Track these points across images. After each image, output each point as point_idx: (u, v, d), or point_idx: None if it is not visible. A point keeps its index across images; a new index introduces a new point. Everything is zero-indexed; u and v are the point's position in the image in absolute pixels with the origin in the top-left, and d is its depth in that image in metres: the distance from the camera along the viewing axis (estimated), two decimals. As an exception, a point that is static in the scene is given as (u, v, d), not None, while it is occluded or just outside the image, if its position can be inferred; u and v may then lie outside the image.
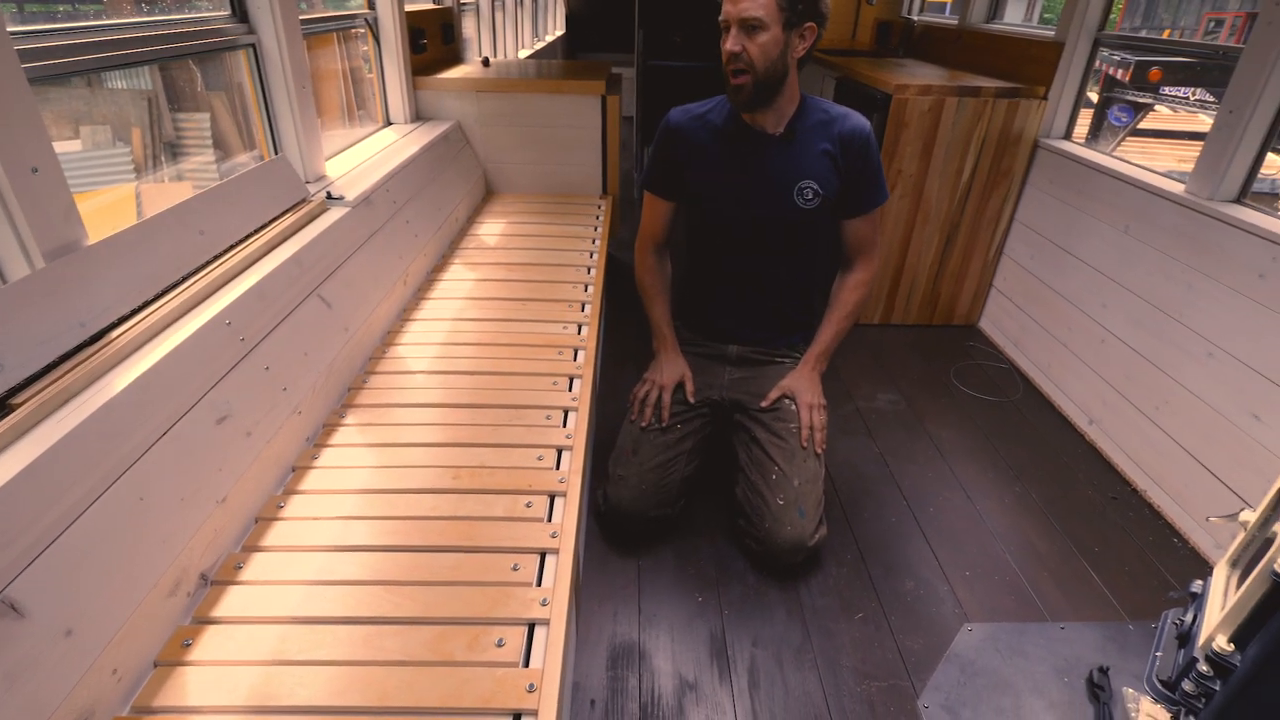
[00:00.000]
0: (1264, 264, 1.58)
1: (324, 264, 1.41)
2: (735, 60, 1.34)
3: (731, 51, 1.33)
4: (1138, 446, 1.94)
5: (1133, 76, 4.98)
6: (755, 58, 1.33)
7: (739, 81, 1.36)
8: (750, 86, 1.36)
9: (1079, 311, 2.21)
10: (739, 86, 1.37)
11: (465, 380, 1.43)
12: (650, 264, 1.68)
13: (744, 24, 1.31)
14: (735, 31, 1.32)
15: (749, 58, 1.33)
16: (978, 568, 1.63)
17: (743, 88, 1.37)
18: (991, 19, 3.10)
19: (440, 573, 0.98)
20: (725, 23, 1.34)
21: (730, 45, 1.32)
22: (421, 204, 1.93)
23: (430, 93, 2.40)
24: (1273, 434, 1.54)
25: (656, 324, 1.67)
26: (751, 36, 1.32)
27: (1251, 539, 1.08)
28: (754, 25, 1.31)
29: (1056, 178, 2.37)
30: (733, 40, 1.32)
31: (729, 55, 1.34)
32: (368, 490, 1.13)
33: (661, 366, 1.63)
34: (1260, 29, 1.64)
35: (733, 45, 1.32)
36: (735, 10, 1.31)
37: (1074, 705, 1.33)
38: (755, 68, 1.34)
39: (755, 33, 1.32)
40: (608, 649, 1.40)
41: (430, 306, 1.71)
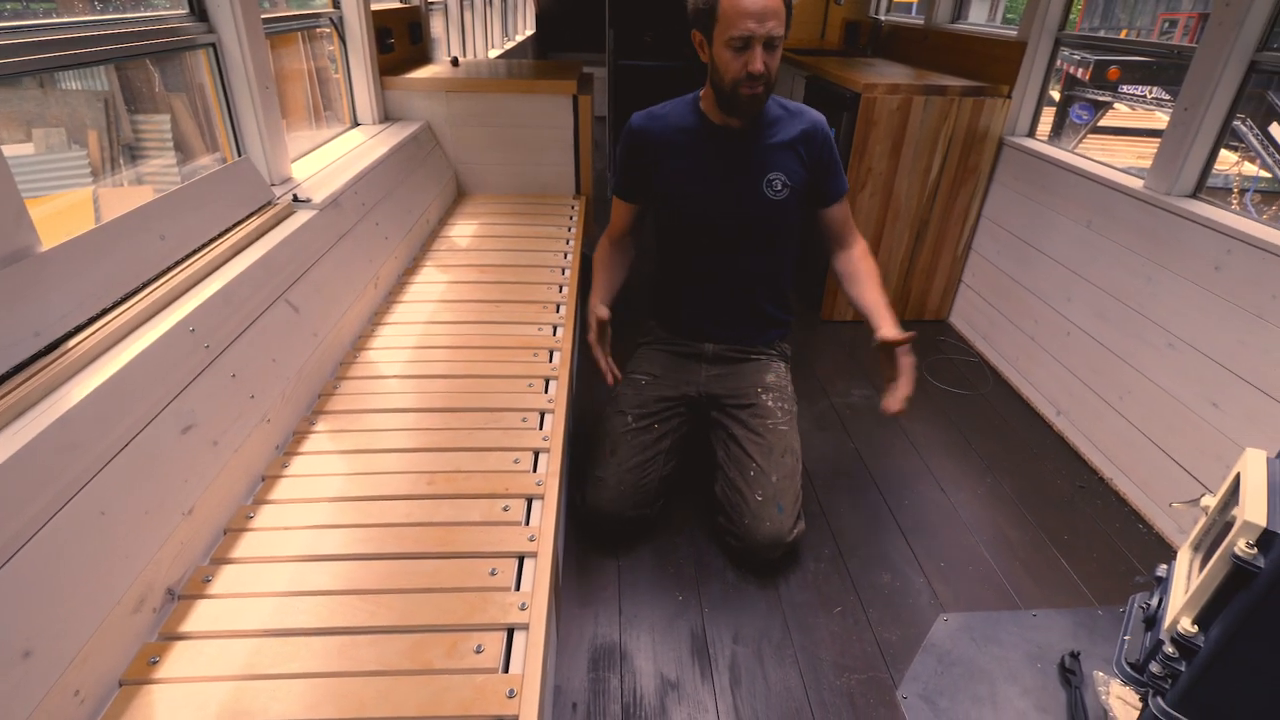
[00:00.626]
0: (1219, 256, 1.64)
1: (291, 268, 1.38)
2: (758, 79, 1.35)
3: (758, 72, 1.34)
4: (1103, 436, 1.99)
5: (1092, 75, 5.12)
6: (773, 72, 1.38)
7: (757, 93, 1.39)
8: (764, 97, 1.41)
9: (1045, 305, 2.26)
10: (756, 98, 1.40)
11: (439, 384, 1.41)
12: (605, 249, 1.69)
13: (769, 42, 1.33)
14: (760, 50, 1.33)
15: (770, 74, 1.37)
16: (952, 559, 1.66)
17: (758, 98, 1.40)
18: (956, 19, 3.16)
19: (416, 580, 0.97)
20: (748, 40, 1.32)
21: (758, 66, 1.33)
22: (391, 206, 1.90)
23: (399, 93, 2.37)
24: (1230, 421, 1.59)
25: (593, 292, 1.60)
26: (772, 54, 1.35)
27: (1212, 523, 1.11)
28: (776, 44, 1.35)
29: (1021, 174, 2.42)
30: (760, 60, 1.33)
31: (754, 74, 1.34)
32: (340, 498, 1.11)
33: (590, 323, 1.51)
34: (1212, 29, 1.70)
35: (759, 66, 1.33)
36: (764, 29, 1.31)
37: (1047, 690, 1.36)
38: (771, 83, 1.40)
39: (774, 50, 1.35)
40: (589, 651, 1.39)
41: (402, 310, 1.69)
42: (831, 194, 1.59)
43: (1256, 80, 1.70)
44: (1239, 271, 1.58)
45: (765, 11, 1.29)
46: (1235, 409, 1.58)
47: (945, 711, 1.31)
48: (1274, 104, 4.13)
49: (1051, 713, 1.32)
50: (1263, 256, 1.52)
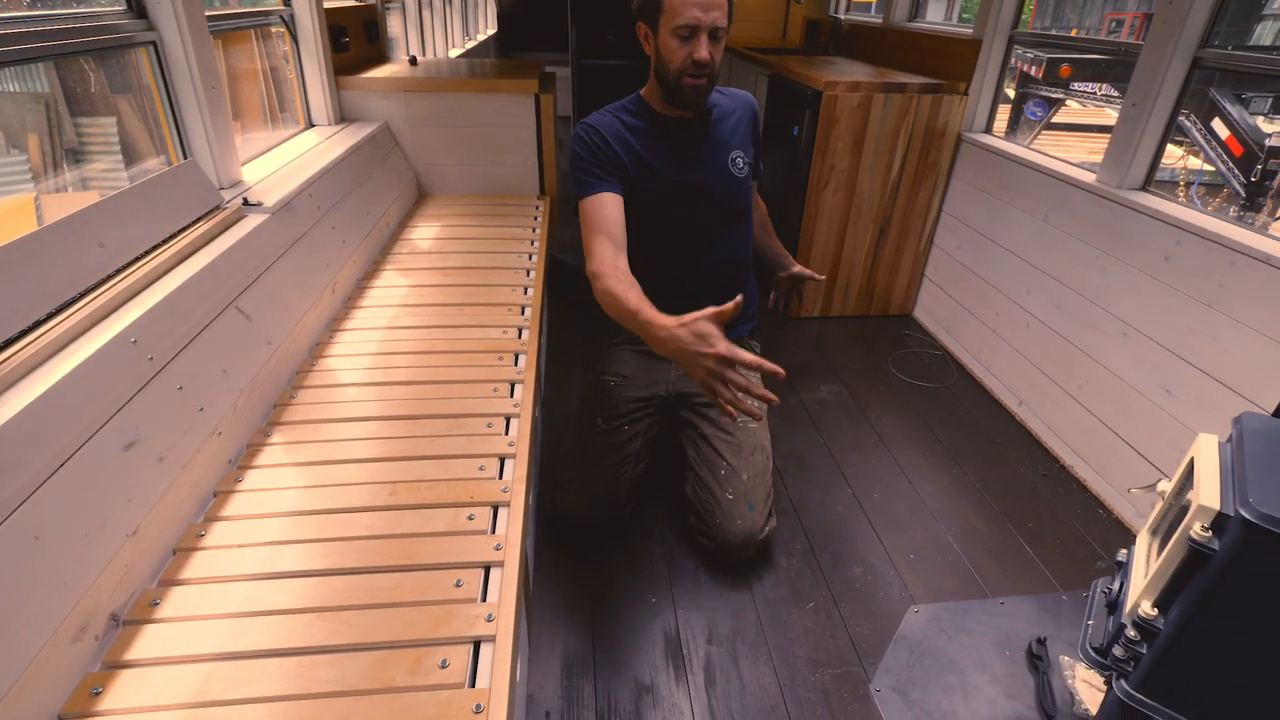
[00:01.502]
0: (1168, 247, 1.68)
1: (242, 274, 1.33)
2: (703, 68, 1.37)
3: (703, 59, 1.35)
4: (1063, 425, 2.03)
5: (1045, 73, 5.26)
6: (717, 63, 1.40)
7: (701, 83, 1.39)
8: (708, 88, 1.42)
9: (1005, 298, 2.31)
10: (700, 88, 1.41)
11: (401, 391, 1.37)
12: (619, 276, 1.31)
13: (714, 32, 1.35)
14: (705, 40, 1.34)
15: (714, 65, 1.39)
16: (921, 550, 1.68)
17: (702, 88, 1.41)
18: (914, 18, 3.20)
19: (378, 595, 0.93)
20: (692, 29, 1.33)
21: (703, 54, 1.35)
22: (349, 209, 1.85)
23: (355, 93, 2.31)
24: (1183, 407, 1.64)
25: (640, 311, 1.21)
26: (717, 44, 1.37)
27: (1169, 508, 1.14)
28: (720, 34, 1.36)
29: (979, 170, 2.46)
30: (705, 49, 1.35)
31: (700, 62, 1.35)
32: (298, 512, 1.07)
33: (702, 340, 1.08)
34: (1157, 27, 1.75)
35: (705, 54, 1.35)
36: (708, 19, 1.33)
37: (1015, 677, 1.38)
38: (714, 72, 1.40)
39: (718, 41, 1.37)
40: (561, 658, 1.37)
41: (361, 315, 1.64)
42: (757, 170, 1.70)
43: (1200, 76, 1.76)
44: (1188, 261, 1.63)
45: (710, 2, 1.32)
46: (1187, 395, 1.63)
47: (918, 703, 1.32)
48: (1216, 100, 4.28)
49: (1020, 699, 1.34)
50: (1209, 246, 1.57)
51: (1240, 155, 4.29)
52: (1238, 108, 4.31)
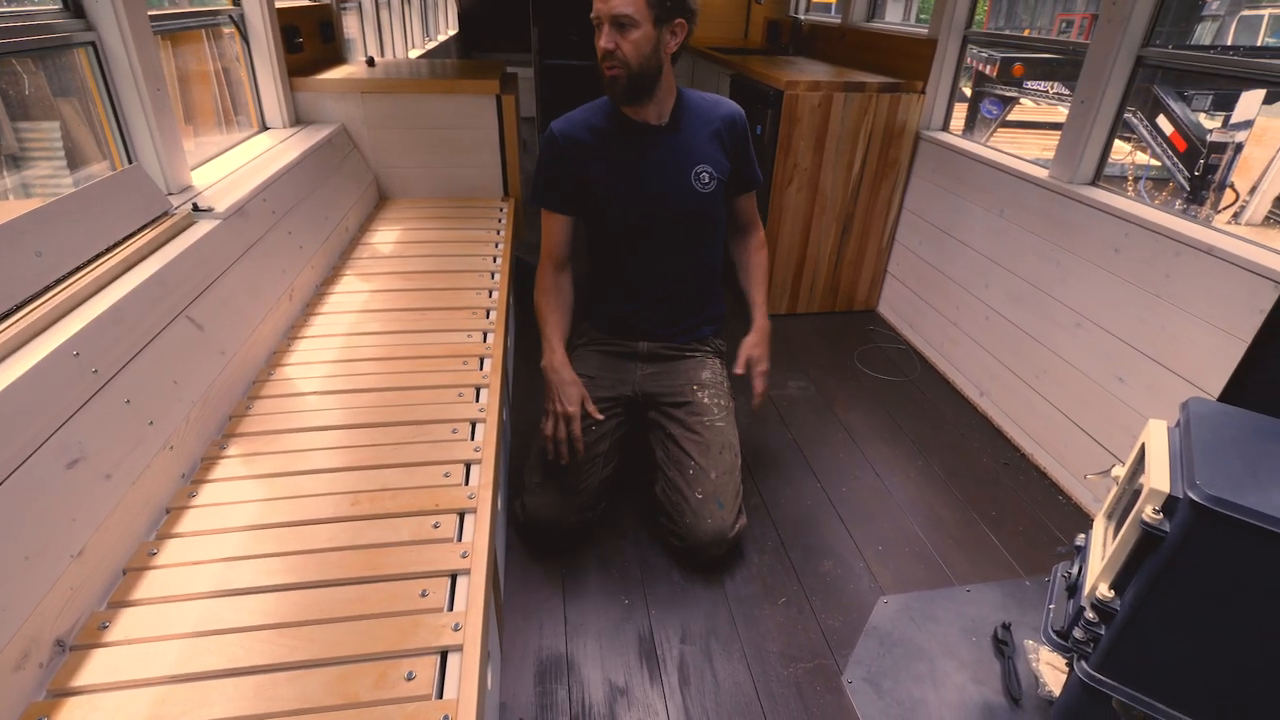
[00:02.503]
0: (1118, 240, 1.74)
1: (192, 282, 1.28)
2: (609, 57, 1.37)
3: (605, 49, 1.36)
4: (1023, 414, 2.09)
5: (999, 72, 5.40)
6: (629, 55, 1.37)
7: (613, 74, 1.39)
8: (624, 80, 1.40)
9: (965, 292, 2.36)
10: (614, 79, 1.40)
11: (363, 398, 1.34)
12: (548, 285, 1.60)
13: (615, 21, 1.34)
14: (608, 29, 1.35)
15: (623, 55, 1.37)
16: (889, 541, 1.71)
17: (617, 79, 1.40)
18: (871, 18, 3.26)
19: (341, 608, 0.91)
20: (597, 20, 1.36)
21: (604, 43, 1.36)
22: (305, 213, 1.80)
23: (310, 95, 2.25)
24: (1135, 394, 1.69)
25: (546, 337, 1.55)
26: (624, 34, 1.36)
27: (1123, 492, 1.17)
28: (624, 22, 1.35)
29: (938, 167, 2.51)
30: (606, 38, 1.35)
31: (603, 52, 1.37)
32: (255, 526, 1.04)
33: (559, 392, 1.48)
34: (1101, 26, 1.80)
35: (606, 43, 1.35)
36: (606, 8, 1.34)
37: (982, 663, 1.41)
38: (629, 64, 1.38)
39: (627, 30, 1.35)
40: (534, 664, 1.36)
41: (321, 322, 1.60)
42: (747, 183, 1.65)
43: (1143, 75, 1.82)
44: (1136, 253, 1.69)
45: None
46: (1138, 382, 1.68)
47: (889, 693, 1.34)
48: (1160, 97, 4.45)
49: (988, 684, 1.37)
50: (1156, 239, 1.63)
51: (1184, 150, 4.46)
52: (1181, 105, 4.48)
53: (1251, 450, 0.99)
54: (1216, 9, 6.73)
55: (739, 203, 1.69)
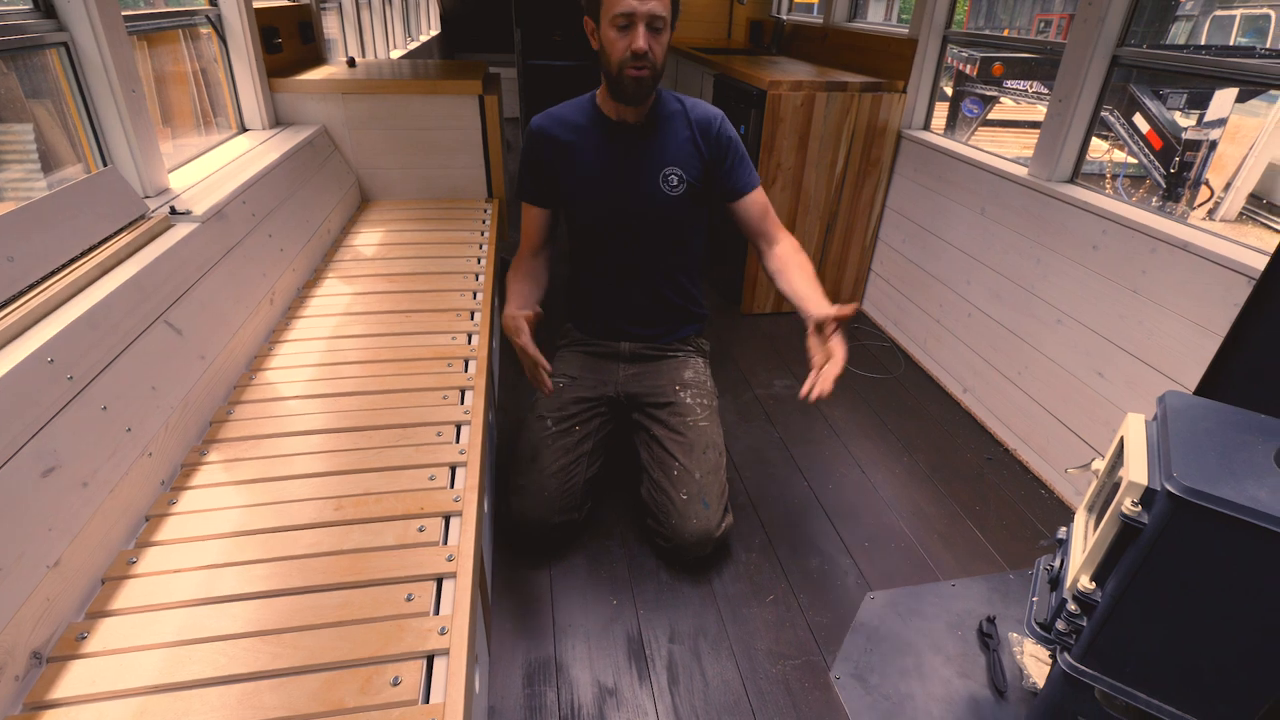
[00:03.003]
0: (1096, 237, 1.76)
1: (171, 286, 1.27)
2: (642, 59, 1.35)
3: (640, 49, 1.33)
4: (1006, 409, 2.11)
5: (979, 71, 5.46)
6: (658, 56, 1.37)
7: (642, 74, 1.37)
8: (650, 81, 1.40)
9: (948, 289, 2.38)
10: (641, 79, 1.38)
11: (346, 402, 1.33)
12: (519, 264, 1.62)
13: (651, 22, 1.33)
14: (644, 30, 1.33)
15: (654, 56, 1.36)
16: (875, 537, 1.72)
17: (644, 80, 1.39)
18: (853, 18, 3.28)
19: (325, 614, 0.90)
20: (628, 19, 1.32)
21: (641, 44, 1.33)
22: (286, 215, 1.78)
23: (290, 96, 2.23)
24: (1114, 389, 1.72)
25: (507, 302, 1.52)
26: (657, 36, 1.36)
27: (1103, 485, 1.19)
28: (659, 25, 1.35)
29: (920, 166, 2.54)
30: (643, 39, 1.33)
31: (639, 52, 1.34)
32: (238, 533, 1.03)
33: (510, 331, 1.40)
34: (1078, 26, 1.83)
35: (643, 44, 1.33)
36: (644, 8, 1.31)
37: (968, 656, 1.43)
38: (657, 65, 1.38)
39: (660, 32, 1.36)
40: (523, 666, 1.35)
41: (303, 326, 1.59)
42: (736, 188, 1.55)
43: (1119, 74, 1.85)
44: (1114, 250, 1.71)
45: None
46: (1118, 377, 1.71)
47: (876, 688, 1.35)
48: (1137, 96, 4.52)
49: (973, 677, 1.39)
50: (1133, 235, 1.65)
51: (1160, 148, 4.54)
52: (1156, 103, 4.55)
53: (1226, 442, 1.01)
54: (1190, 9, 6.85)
55: (739, 210, 1.56)
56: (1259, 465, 0.96)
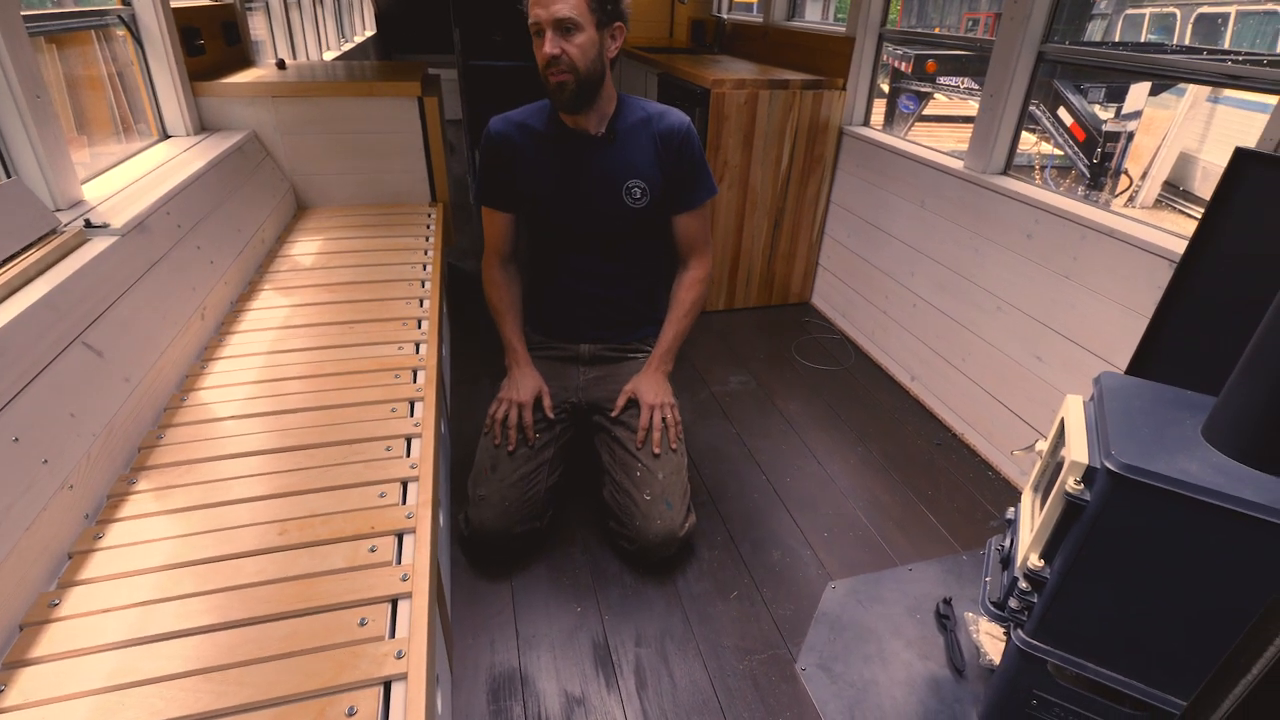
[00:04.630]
0: (1029, 226, 1.83)
1: (88, 305, 1.18)
2: (555, 63, 1.31)
3: (551, 54, 1.30)
4: (952, 396, 2.18)
5: (914, 68, 5.62)
6: (576, 59, 1.32)
7: (561, 79, 1.33)
8: (573, 85, 1.35)
9: (893, 281, 2.44)
10: (561, 84, 1.34)
11: (288, 420, 1.27)
12: (496, 279, 1.62)
13: (558, 25, 1.30)
14: (551, 34, 1.29)
15: (570, 59, 1.32)
16: (834, 528, 1.74)
17: (565, 85, 1.34)
18: (791, 17, 3.33)
19: (272, 646, 0.85)
20: (538, 26, 1.30)
21: (549, 48, 1.30)
22: (215, 226, 1.69)
23: (215, 100, 2.12)
24: (1052, 371, 1.79)
25: (507, 339, 1.62)
26: (569, 38, 1.31)
27: (1046, 466, 1.23)
28: (569, 26, 1.30)
29: (861, 161, 2.59)
30: (550, 43, 1.30)
31: (548, 58, 1.31)
32: (173, 565, 0.96)
33: (516, 383, 1.57)
34: (1004, 24, 1.90)
35: (551, 48, 1.30)
36: (547, 13, 1.28)
37: (927, 638, 1.46)
38: (577, 68, 1.33)
39: (571, 34, 1.31)
40: (487, 682, 1.32)
41: (238, 341, 1.51)
42: (683, 201, 1.55)
43: (1045, 69, 1.92)
44: (1046, 238, 1.78)
45: None
46: (1055, 360, 1.78)
47: (841, 676, 1.37)
48: (1060, 91, 4.74)
49: (933, 658, 1.42)
50: (1063, 224, 1.72)
51: (1083, 140, 4.77)
52: (1078, 97, 4.79)
53: (1158, 419, 1.06)
54: (1105, 7, 7.22)
55: (677, 224, 1.57)
56: (1189, 440, 1.01)
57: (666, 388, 1.59)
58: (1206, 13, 6.04)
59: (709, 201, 1.59)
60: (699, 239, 1.61)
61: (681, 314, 1.62)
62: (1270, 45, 5.56)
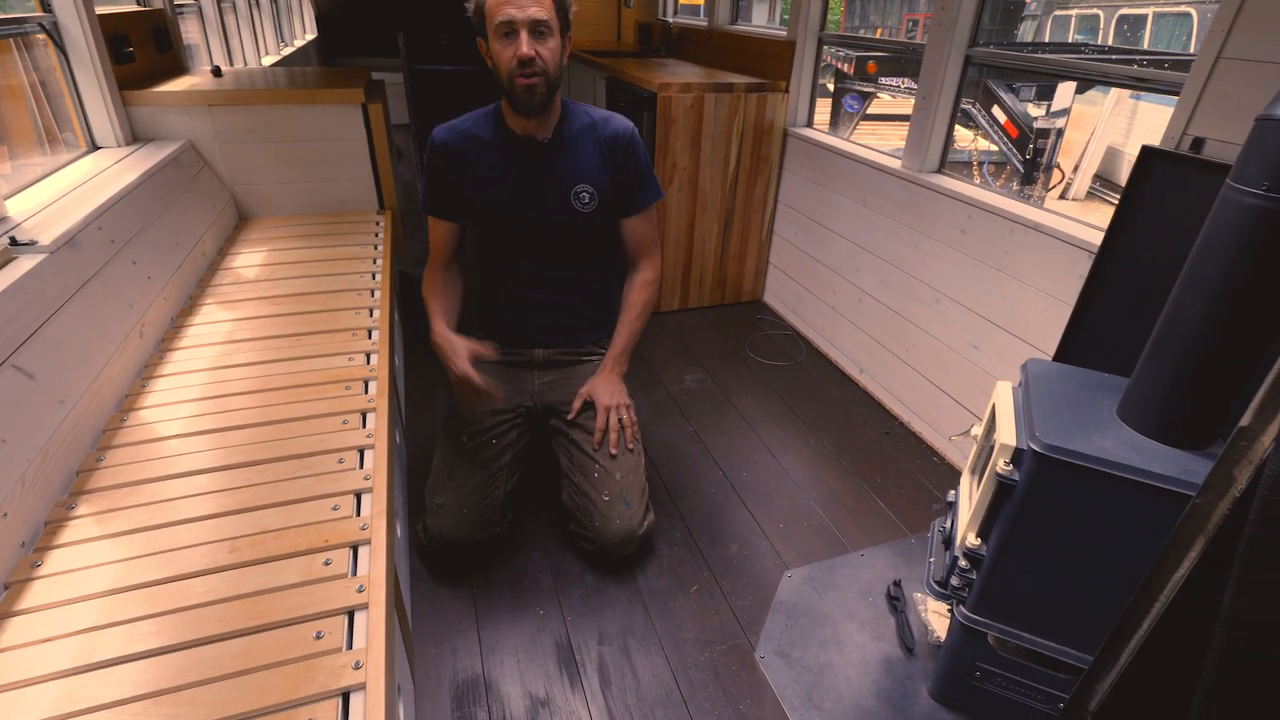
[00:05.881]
0: (963, 222, 1.92)
1: (17, 326, 1.14)
2: (529, 65, 1.32)
3: (526, 55, 1.31)
4: (898, 386, 2.26)
5: (855, 69, 5.79)
6: (549, 62, 1.35)
7: (533, 82, 1.34)
8: (543, 89, 1.37)
9: (839, 277, 2.52)
10: (532, 87, 1.35)
11: (235, 436, 1.24)
12: (434, 276, 1.61)
13: (534, 28, 1.31)
14: (526, 36, 1.31)
15: (543, 62, 1.34)
16: (789, 518, 1.80)
17: (535, 88, 1.36)
18: (735, 20, 3.39)
19: (226, 665, 0.84)
20: (510, 26, 1.31)
21: (525, 50, 1.31)
22: (152, 240, 1.65)
23: (148, 109, 2.06)
24: (988, 359, 1.88)
25: (430, 317, 1.53)
26: (542, 41, 1.33)
27: (981, 449, 1.30)
28: (543, 30, 1.32)
29: (806, 161, 2.67)
30: (526, 45, 1.31)
31: (523, 59, 1.31)
32: (117, 590, 0.94)
33: (447, 355, 1.45)
34: (933, 28, 1.98)
35: (527, 50, 1.31)
36: (524, 15, 1.30)
37: (879, 620, 1.52)
38: (549, 72, 1.36)
39: (545, 38, 1.33)
40: (450, 690, 1.32)
41: (181, 358, 1.47)
42: (630, 205, 1.57)
43: (974, 71, 2.02)
44: (979, 233, 1.87)
45: None
46: (990, 349, 1.87)
47: (798, 661, 1.42)
48: (993, 89, 4.95)
49: (885, 639, 1.48)
50: (994, 219, 1.81)
51: (1016, 137, 4.99)
52: (1011, 96, 5.00)
53: (1078, 401, 1.13)
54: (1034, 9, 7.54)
55: (625, 227, 1.60)
56: (1105, 419, 1.08)
57: (622, 389, 1.61)
58: (1127, 14, 6.38)
59: (655, 205, 1.62)
60: (647, 241, 1.64)
61: (633, 316, 1.64)
62: (1184, 45, 5.90)
